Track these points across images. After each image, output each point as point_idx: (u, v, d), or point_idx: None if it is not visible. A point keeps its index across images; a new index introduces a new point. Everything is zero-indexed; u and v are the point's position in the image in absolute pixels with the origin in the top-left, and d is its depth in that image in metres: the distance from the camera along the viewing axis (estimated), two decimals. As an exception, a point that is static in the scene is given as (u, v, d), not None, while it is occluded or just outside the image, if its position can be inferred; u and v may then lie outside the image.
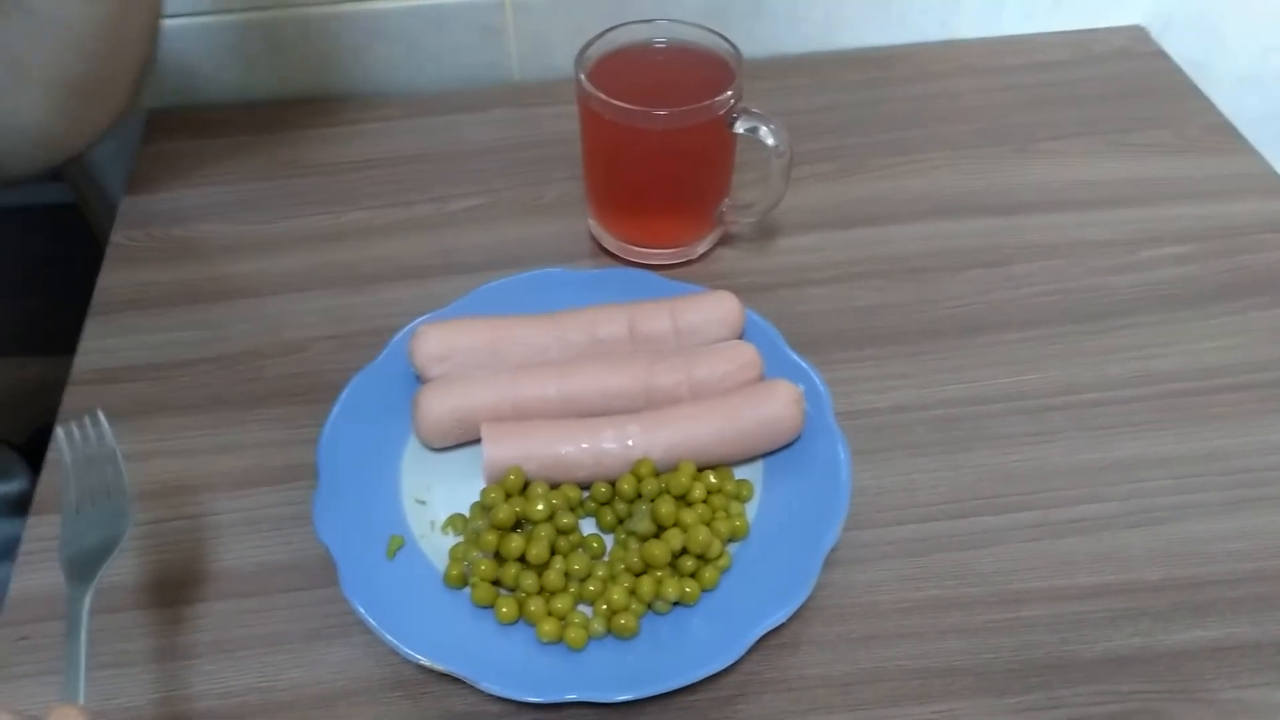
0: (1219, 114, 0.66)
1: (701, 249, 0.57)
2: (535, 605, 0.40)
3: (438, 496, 0.45)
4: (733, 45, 0.53)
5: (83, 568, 0.38)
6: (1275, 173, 0.61)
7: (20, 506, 0.53)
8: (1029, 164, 0.62)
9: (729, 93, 0.51)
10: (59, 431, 0.41)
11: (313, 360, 0.52)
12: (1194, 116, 0.65)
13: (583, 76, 0.51)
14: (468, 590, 0.41)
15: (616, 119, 0.51)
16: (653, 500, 0.43)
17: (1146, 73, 0.69)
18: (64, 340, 0.54)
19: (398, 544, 0.43)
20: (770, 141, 0.52)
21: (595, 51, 0.53)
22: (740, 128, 0.52)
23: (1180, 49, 0.71)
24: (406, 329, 0.50)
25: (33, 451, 0.57)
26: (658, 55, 0.55)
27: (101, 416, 0.41)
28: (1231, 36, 0.74)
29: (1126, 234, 0.58)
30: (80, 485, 0.40)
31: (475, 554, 0.42)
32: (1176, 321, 0.53)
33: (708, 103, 0.50)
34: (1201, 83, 0.68)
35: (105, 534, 0.38)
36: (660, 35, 0.55)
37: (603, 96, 0.50)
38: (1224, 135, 0.64)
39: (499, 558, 0.42)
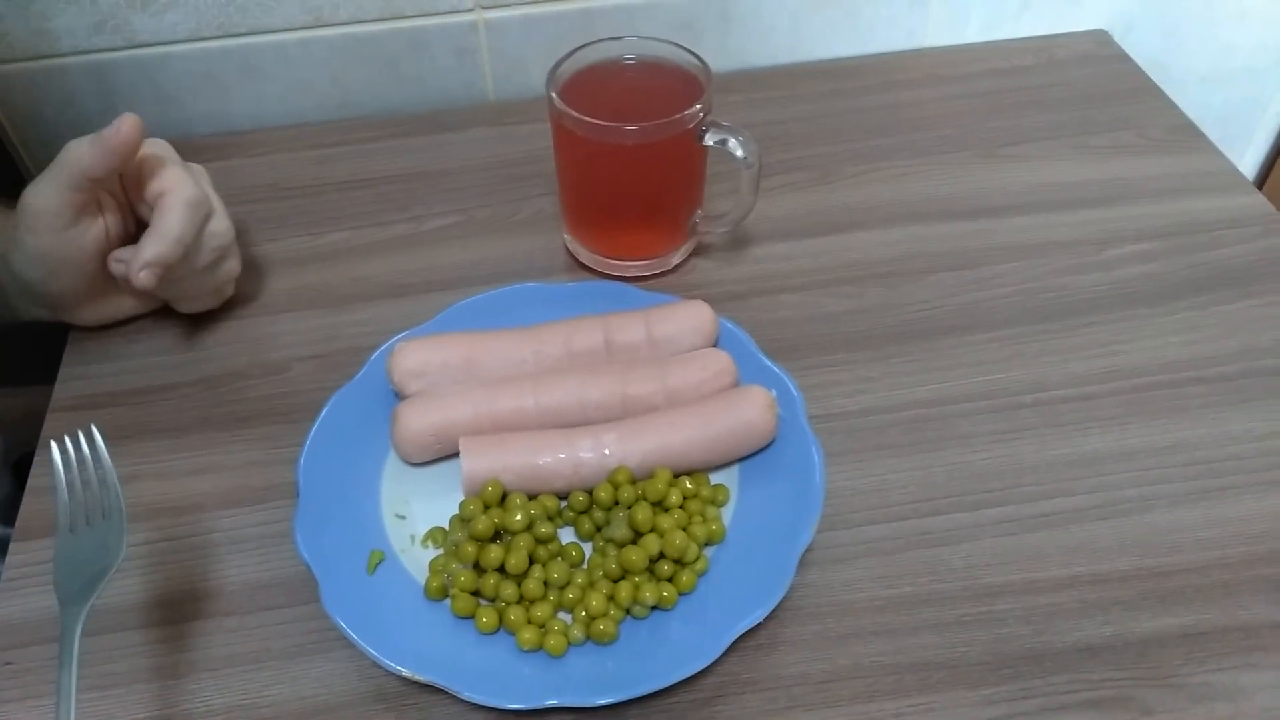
0: (1182, 114, 0.67)
1: (675, 260, 0.58)
2: (515, 614, 0.41)
3: (417, 511, 0.45)
4: (700, 60, 0.54)
5: (77, 591, 0.37)
6: (1236, 170, 0.63)
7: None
8: (995, 169, 0.64)
9: (698, 106, 0.52)
10: (52, 447, 0.41)
11: (294, 380, 0.53)
12: (1157, 117, 0.67)
13: (554, 94, 0.52)
14: (448, 602, 0.42)
15: (588, 135, 0.52)
16: (630, 507, 0.43)
17: (1110, 76, 0.71)
18: (46, 370, 0.55)
19: (378, 559, 0.43)
20: (739, 153, 0.53)
21: (566, 69, 0.54)
22: (710, 140, 0.53)
23: (1142, 51, 0.73)
24: (385, 346, 0.51)
25: (15, 479, 0.57)
26: (628, 71, 0.56)
27: (97, 434, 0.41)
28: (1192, 37, 0.75)
29: (1091, 234, 0.59)
30: (75, 505, 0.39)
31: (455, 565, 0.42)
32: (1140, 318, 0.54)
33: (677, 116, 0.51)
34: (1164, 84, 0.70)
35: (100, 556, 0.38)
36: (630, 52, 0.56)
37: (574, 113, 0.51)
38: (1186, 135, 0.65)
39: (478, 568, 0.42)
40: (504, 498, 0.44)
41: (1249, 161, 0.85)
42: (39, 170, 0.48)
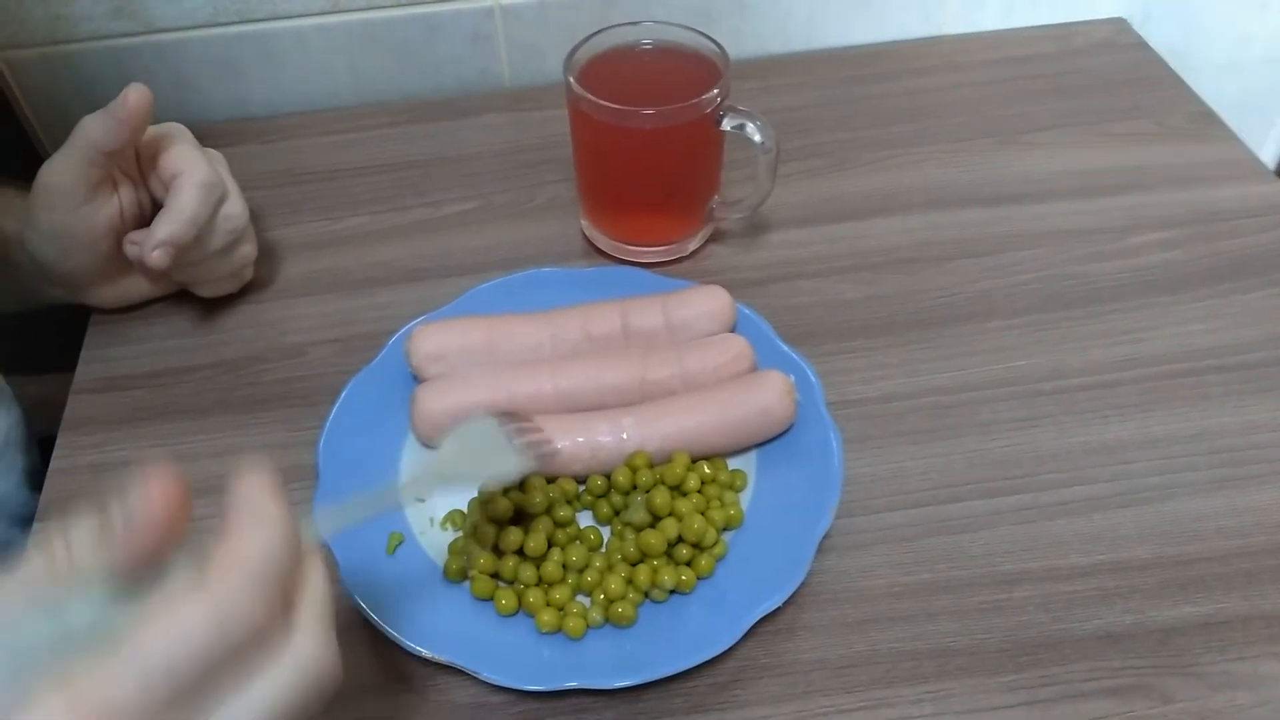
0: (1200, 102, 0.66)
1: (692, 246, 0.58)
2: (534, 596, 0.41)
3: (436, 494, 0.45)
4: (718, 45, 0.54)
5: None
6: (1256, 158, 0.62)
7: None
8: (1014, 156, 0.63)
9: (715, 91, 0.52)
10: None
11: (312, 364, 0.53)
12: (1176, 105, 0.66)
13: (572, 79, 0.52)
14: (467, 584, 0.42)
15: (606, 119, 0.52)
16: (648, 491, 0.43)
17: (1128, 63, 0.70)
18: (62, 358, 0.55)
19: (397, 540, 0.43)
20: (757, 138, 0.52)
21: (583, 54, 0.54)
22: (727, 125, 0.53)
23: (1161, 39, 0.72)
24: (403, 330, 0.51)
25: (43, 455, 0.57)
26: (645, 56, 0.56)
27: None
28: (1210, 25, 0.75)
29: (1111, 222, 0.59)
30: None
31: (474, 548, 0.42)
32: (1161, 305, 0.54)
33: (695, 101, 0.51)
34: (1183, 71, 0.69)
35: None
36: (647, 37, 0.56)
37: (591, 98, 0.51)
38: (1205, 123, 0.65)
39: (497, 551, 0.42)
40: (523, 480, 0.44)
41: (1269, 151, 0.84)
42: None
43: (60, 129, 0.68)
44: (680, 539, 0.42)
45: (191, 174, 0.49)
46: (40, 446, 0.61)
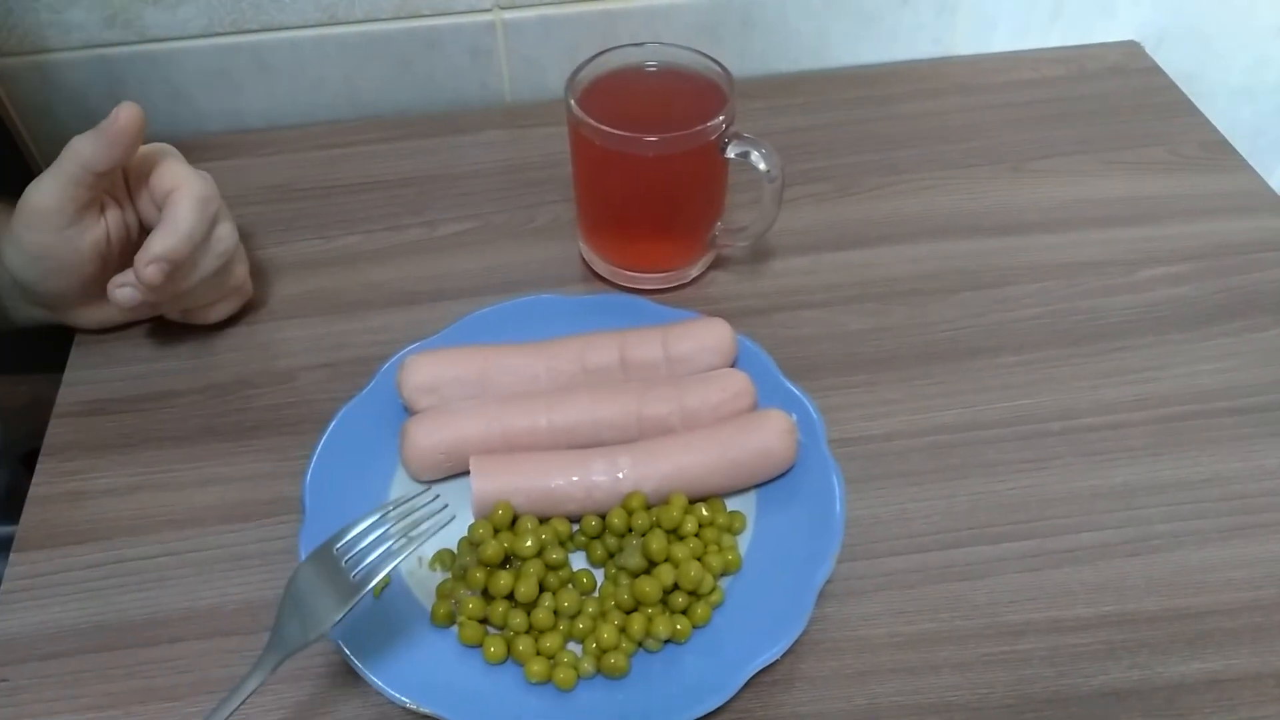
0: (1214, 130, 0.65)
1: (694, 273, 0.57)
2: (524, 644, 0.40)
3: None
4: (724, 69, 0.53)
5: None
6: (1271, 190, 0.61)
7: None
8: (1023, 183, 0.62)
9: (720, 118, 0.50)
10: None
11: (301, 390, 0.52)
12: (1189, 133, 0.65)
13: (573, 102, 0.51)
14: (455, 629, 0.41)
15: (607, 145, 0.50)
16: (644, 535, 0.42)
17: (1141, 89, 0.69)
18: (56, 358, 0.54)
19: (384, 582, 0.42)
20: (762, 166, 0.51)
21: (586, 76, 0.53)
22: (732, 153, 0.51)
23: (1174, 63, 0.71)
24: (395, 359, 0.49)
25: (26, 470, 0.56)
26: (649, 79, 0.54)
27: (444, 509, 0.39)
28: (1225, 49, 0.74)
29: (1122, 254, 0.57)
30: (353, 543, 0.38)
31: (462, 591, 0.41)
32: (1173, 343, 0.52)
33: (699, 129, 0.50)
34: (1196, 96, 0.68)
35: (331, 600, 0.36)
36: (651, 58, 0.54)
37: (593, 123, 0.50)
38: (1219, 152, 0.63)
39: (487, 595, 0.41)
40: (514, 520, 0.43)
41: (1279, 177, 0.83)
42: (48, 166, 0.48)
43: (51, 139, 0.67)
44: (676, 586, 0.41)
45: (186, 189, 0.48)
46: (28, 458, 0.59)
